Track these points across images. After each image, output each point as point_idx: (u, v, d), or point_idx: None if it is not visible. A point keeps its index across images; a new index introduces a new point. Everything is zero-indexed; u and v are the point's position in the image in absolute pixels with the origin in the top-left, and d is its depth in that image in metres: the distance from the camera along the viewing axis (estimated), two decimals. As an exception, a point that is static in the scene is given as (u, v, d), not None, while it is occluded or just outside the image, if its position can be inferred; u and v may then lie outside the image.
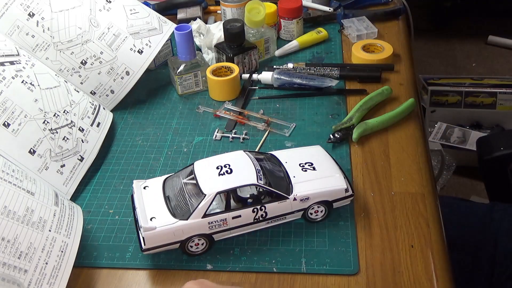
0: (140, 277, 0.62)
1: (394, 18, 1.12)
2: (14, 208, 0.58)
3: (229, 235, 0.63)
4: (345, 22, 1.07)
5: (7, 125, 0.69)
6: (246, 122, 0.84)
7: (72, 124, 0.77)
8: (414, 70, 0.98)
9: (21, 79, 0.73)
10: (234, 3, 1.05)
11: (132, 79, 0.89)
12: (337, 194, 0.65)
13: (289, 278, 0.60)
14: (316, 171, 0.66)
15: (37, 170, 0.70)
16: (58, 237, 0.61)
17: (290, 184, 0.64)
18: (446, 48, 2.45)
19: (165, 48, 1.00)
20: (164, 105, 0.91)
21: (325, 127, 0.82)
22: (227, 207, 0.62)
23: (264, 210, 0.62)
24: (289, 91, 0.90)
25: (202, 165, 0.65)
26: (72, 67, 0.86)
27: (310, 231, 0.65)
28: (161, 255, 0.63)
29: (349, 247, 0.63)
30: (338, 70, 0.92)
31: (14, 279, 0.54)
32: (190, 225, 0.60)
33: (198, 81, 0.92)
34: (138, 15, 0.92)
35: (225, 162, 0.64)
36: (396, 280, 0.59)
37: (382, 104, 0.86)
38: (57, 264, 0.59)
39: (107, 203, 0.72)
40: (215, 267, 0.62)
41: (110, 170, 0.78)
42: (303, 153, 0.70)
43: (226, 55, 0.93)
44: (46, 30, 0.85)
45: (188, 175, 0.65)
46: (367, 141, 0.79)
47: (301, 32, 1.06)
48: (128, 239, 0.66)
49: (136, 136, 0.84)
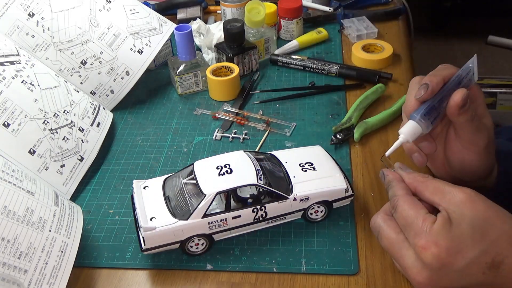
0: (140, 277, 0.62)
1: (394, 18, 1.12)
2: (14, 208, 0.58)
3: (229, 235, 0.63)
4: (345, 22, 1.07)
5: (7, 125, 0.69)
6: (246, 123, 0.84)
7: (72, 124, 0.77)
8: (414, 70, 0.98)
9: (21, 79, 0.73)
10: (234, 3, 1.05)
11: (132, 79, 0.89)
12: (337, 194, 0.65)
13: (289, 278, 0.60)
14: (316, 171, 0.66)
15: (37, 170, 0.70)
16: (58, 237, 0.61)
17: (290, 184, 0.64)
18: (446, 48, 2.45)
19: (165, 48, 1.00)
20: (164, 105, 0.91)
21: (325, 127, 0.82)
22: (227, 207, 0.62)
23: (264, 210, 0.62)
24: (290, 92, 0.90)
25: (202, 165, 0.64)
26: (72, 67, 0.86)
27: (310, 231, 0.65)
28: (161, 255, 0.63)
29: (349, 247, 0.63)
30: (338, 67, 0.93)
31: (14, 279, 0.54)
32: (190, 225, 0.60)
33: (198, 81, 0.92)
34: (138, 15, 0.92)
35: (225, 162, 0.64)
36: (396, 280, 0.59)
37: (380, 103, 0.87)
38: (57, 264, 0.59)
39: (107, 203, 0.72)
40: (215, 267, 0.62)
41: (110, 170, 0.78)
42: (303, 153, 0.70)
43: (226, 55, 0.93)
44: (46, 30, 0.85)
45: (188, 175, 0.64)
46: (367, 141, 0.79)
47: (301, 32, 1.06)
48: (128, 239, 0.66)
49: (136, 136, 0.84)
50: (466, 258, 0.48)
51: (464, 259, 0.48)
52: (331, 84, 0.93)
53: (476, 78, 0.60)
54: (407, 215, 0.52)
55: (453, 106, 0.55)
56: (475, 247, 0.48)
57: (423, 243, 0.49)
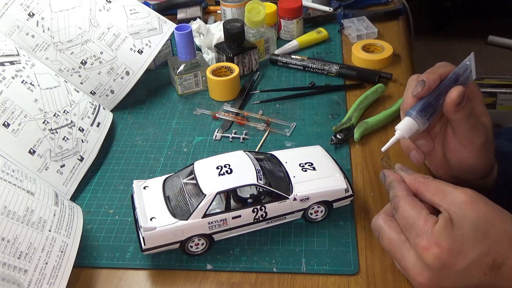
0: (140, 277, 0.62)
1: (394, 18, 1.12)
2: (14, 208, 0.58)
3: (229, 235, 0.63)
4: (345, 22, 1.07)
5: (7, 125, 0.69)
6: (246, 123, 0.84)
7: (72, 124, 0.77)
8: (414, 70, 0.98)
9: (21, 79, 0.73)
10: (234, 3, 1.05)
11: (132, 79, 0.89)
12: (337, 194, 0.65)
13: (289, 278, 0.60)
14: (316, 171, 0.66)
15: (37, 170, 0.70)
16: (58, 237, 0.61)
17: (290, 184, 0.64)
18: (446, 48, 2.45)
19: (165, 48, 1.00)
20: (164, 105, 0.91)
21: (325, 127, 0.82)
22: (227, 207, 0.62)
23: (264, 210, 0.62)
24: (290, 92, 0.90)
25: (202, 165, 0.64)
26: (72, 67, 0.86)
27: (310, 231, 0.65)
28: (161, 255, 0.63)
29: (349, 247, 0.63)
30: (338, 67, 0.93)
31: (14, 279, 0.54)
32: (190, 225, 0.60)
33: (198, 81, 0.92)
34: (138, 15, 0.92)
35: (225, 162, 0.64)
36: (396, 280, 0.59)
37: (380, 103, 0.87)
38: (57, 264, 0.59)
39: (107, 203, 0.72)
40: (215, 267, 0.62)
41: (110, 170, 0.78)
42: (303, 153, 0.70)
43: (226, 55, 0.93)
44: (46, 30, 0.85)
45: (188, 175, 0.64)
46: (367, 141, 0.79)
47: (301, 32, 1.06)
48: (128, 239, 0.66)
49: (136, 136, 0.84)
50: (468, 259, 0.48)
51: (465, 260, 0.48)
52: (331, 84, 0.93)
53: (474, 76, 0.60)
54: (408, 215, 0.52)
55: (449, 103, 0.56)
56: (476, 248, 0.48)
57: (424, 244, 0.49)
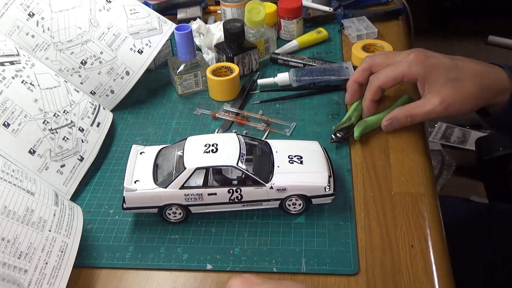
0: (140, 277, 0.62)
1: (394, 18, 1.12)
2: (14, 208, 0.58)
3: (205, 210, 0.67)
4: (345, 22, 1.07)
5: (7, 125, 0.69)
6: (246, 123, 0.84)
7: (72, 124, 0.77)
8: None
9: (21, 79, 0.73)
10: (234, 3, 1.05)
11: (132, 79, 0.89)
12: (316, 191, 0.66)
13: (289, 278, 0.60)
14: (302, 165, 0.67)
15: (37, 170, 0.70)
16: (58, 237, 0.61)
17: (272, 173, 0.66)
18: (446, 48, 2.45)
19: (165, 48, 1.00)
20: (164, 105, 0.91)
21: (325, 127, 0.82)
22: (204, 183, 0.65)
23: (240, 192, 0.65)
24: (290, 92, 0.90)
25: (194, 141, 0.68)
26: (72, 67, 0.86)
27: (310, 231, 0.65)
28: (161, 255, 0.64)
29: (349, 247, 0.63)
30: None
31: (14, 279, 0.54)
32: (167, 193, 0.64)
33: (198, 81, 0.92)
34: (138, 15, 0.92)
35: (214, 142, 0.67)
36: (396, 280, 0.59)
37: (379, 102, 0.86)
38: (57, 264, 0.59)
39: (107, 203, 0.72)
40: (215, 267, 0.62)
41: (110, 170, 0.78)
42: (298, 146, 0.71)
43: (226, 55, 0.93)
44: (46, 30, 0.85)
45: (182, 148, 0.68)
46: (367, 141, 0.79)
47: (301, 32, 1.06)
48: (128, 239, 0.66)
49: (136, 136, 0.84)
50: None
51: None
52: (331, 84, 0.93)
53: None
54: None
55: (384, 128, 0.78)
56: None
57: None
